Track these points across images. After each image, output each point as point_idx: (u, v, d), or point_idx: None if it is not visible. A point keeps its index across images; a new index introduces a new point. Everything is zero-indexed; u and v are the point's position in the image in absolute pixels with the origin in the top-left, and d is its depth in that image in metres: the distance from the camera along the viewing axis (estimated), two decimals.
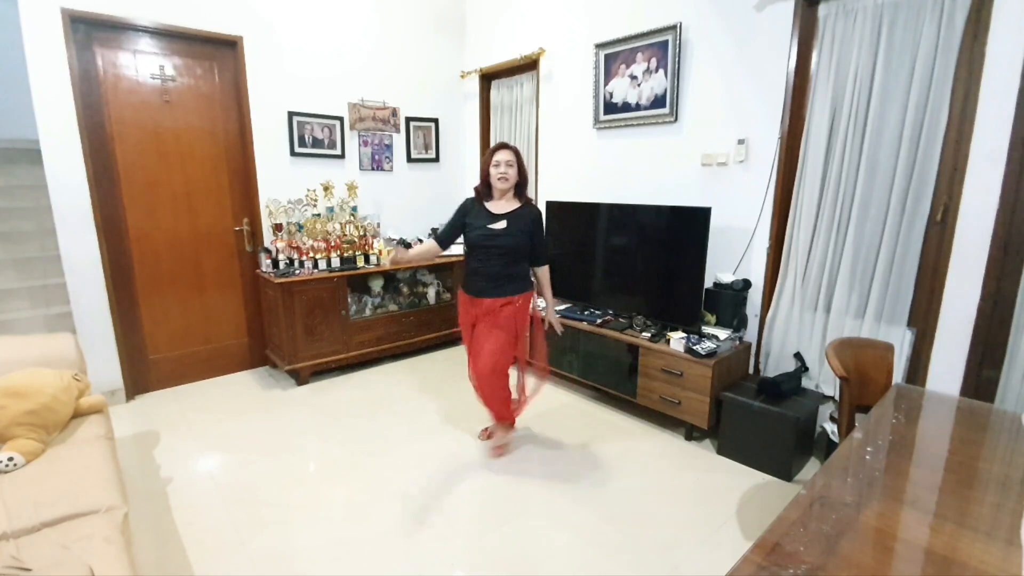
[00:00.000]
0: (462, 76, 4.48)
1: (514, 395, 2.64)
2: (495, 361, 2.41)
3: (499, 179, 2.37)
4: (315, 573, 1.84)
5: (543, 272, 2.60)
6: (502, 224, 2.37)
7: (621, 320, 3.17)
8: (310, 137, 3.75)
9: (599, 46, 3.34)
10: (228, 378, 3.63)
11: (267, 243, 3.60)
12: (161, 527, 2.07)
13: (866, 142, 2.35)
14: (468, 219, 2.44)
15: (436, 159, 4.52)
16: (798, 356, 2.68)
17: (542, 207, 3.77)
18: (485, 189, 2.47)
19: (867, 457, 1.33)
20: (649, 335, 2.90)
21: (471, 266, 2.45)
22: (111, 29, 2.98)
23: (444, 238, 2.50)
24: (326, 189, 3.72)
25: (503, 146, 2.41)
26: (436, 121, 4.46)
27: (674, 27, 2.93)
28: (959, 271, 2.15)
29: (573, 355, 3.28)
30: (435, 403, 3.23)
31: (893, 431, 1.48)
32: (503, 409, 2.59)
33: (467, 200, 2.52)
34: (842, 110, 2.41)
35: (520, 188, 2.45)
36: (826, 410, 2.60)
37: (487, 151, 2.45)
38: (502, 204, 2.44)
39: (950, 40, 2.09)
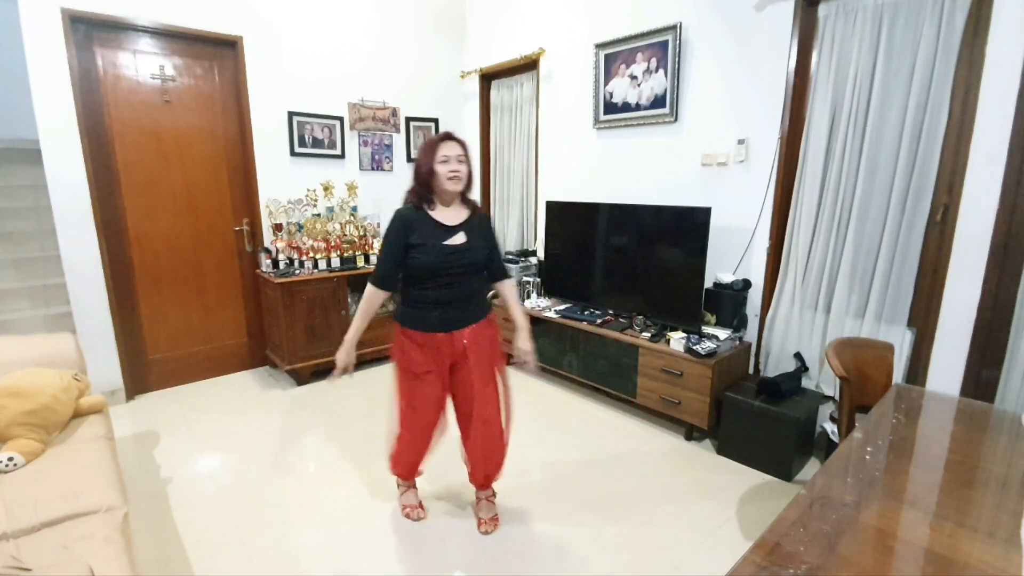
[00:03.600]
0: (462, 76, 4.48)
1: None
2: (502, 408, 2.00)
3: (450, 178, 1.79)
4: (315, 573, 1.84)
5: (511, 287, 2.06)
6: (461, 238, 1.83)
7: (621, 320, 3.17)
8: (310, 137, 3.75)
9: (599, 46, 3.34)
10: (228, 378, 3.63)
11: (267, 243, 3.60)
12: (161, 527, 2.07)
13: (866, 142, 2.34)
14: (413, 239, 1.80)
15: None
16: (798, 356, 2.68)
17: (542, 208, 3.80)
18: (426, 193, 1.84)
19: (867, 457, 1.33)
20: (649, 335, 2.90)
21: (429, 296, 1.83)
22: (111, 29, 2.98)
23: (387, 276, 1.85)
24: (326, 189, 3.73)
25: (449, 136, 1.84)
26: (436, 121, 4.46)
27: (674, 27, 2.93)
28: (959, 271, 2.15)
29: (573, 355, 3.27)
30: None
31: (893, 431, 1.48)
32: (500, 463, 2.09)
33: (403, 213, 1.83)
34: (842, 110, 2.41)
35: (466, 190, 1.90)
36: (826, 410, 2.60)
37: (426, 143, 1.83)
38: (452, 213, 1.87)
39: (950, 40, 2.09)
